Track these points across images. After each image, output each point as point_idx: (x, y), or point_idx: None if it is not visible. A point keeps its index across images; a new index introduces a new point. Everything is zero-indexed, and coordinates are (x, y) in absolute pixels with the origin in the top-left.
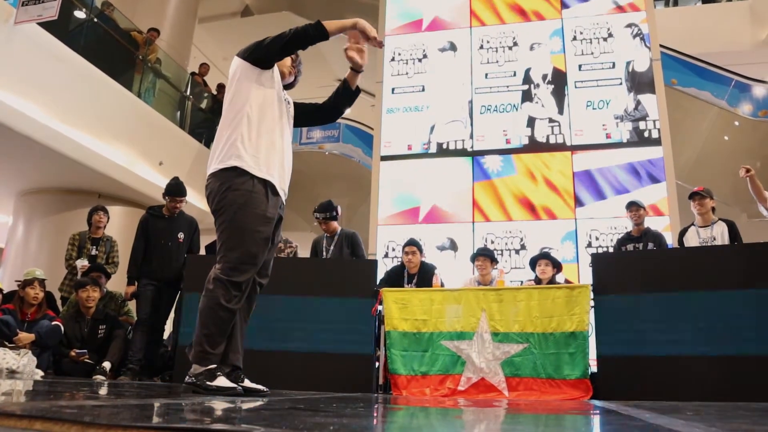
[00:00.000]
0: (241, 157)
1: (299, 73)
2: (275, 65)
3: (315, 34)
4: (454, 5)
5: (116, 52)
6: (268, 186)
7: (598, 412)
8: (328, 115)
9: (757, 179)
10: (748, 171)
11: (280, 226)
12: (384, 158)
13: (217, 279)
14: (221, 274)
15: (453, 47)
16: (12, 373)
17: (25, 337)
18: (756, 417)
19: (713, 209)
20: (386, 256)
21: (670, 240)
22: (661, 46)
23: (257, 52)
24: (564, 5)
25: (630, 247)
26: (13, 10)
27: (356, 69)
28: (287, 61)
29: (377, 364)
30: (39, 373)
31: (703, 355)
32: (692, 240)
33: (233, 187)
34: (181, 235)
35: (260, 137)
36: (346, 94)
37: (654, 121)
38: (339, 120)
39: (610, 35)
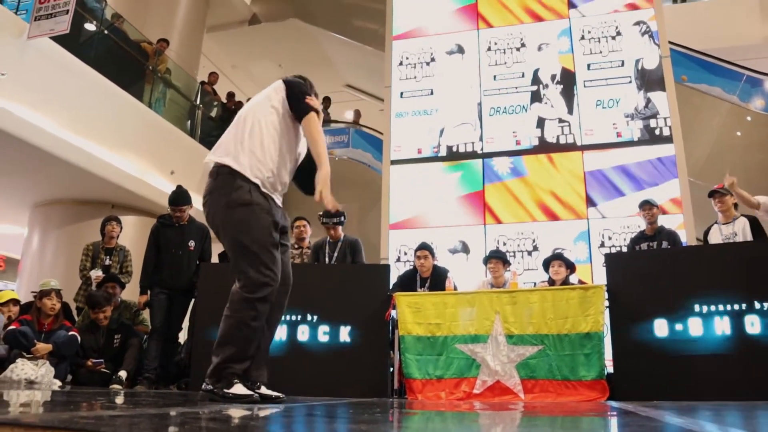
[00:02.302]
0: (244, 166)
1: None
2: None
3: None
4: (461, 8)
5: (127, 63)
6: (268, 198)
7: (615, 413)
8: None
9: (738, 188)
10: (732, 183)
11: (286, 234)
12: (394, 162)
13: (242, 299)
14: (245, 293)
15: (461, 50)
16: (30, 384)
17: (43, 347)
18: None
19: (735, 205)
20: (398, 260)
21: (685, 238)
22: (670, 42)
23: (299, 109)
24: (571, 5)
25: (644, 246)
26: (26, 24)
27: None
28: (316, 104)
29: (392, 368)
30: (57, 383)
31: (720, 353)
32: (715, 237)
33: (232, 204)
34: (192, 244)
35: (272, 158)
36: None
37: (665, 118)
38: (348, 125)
39: (619, 33)
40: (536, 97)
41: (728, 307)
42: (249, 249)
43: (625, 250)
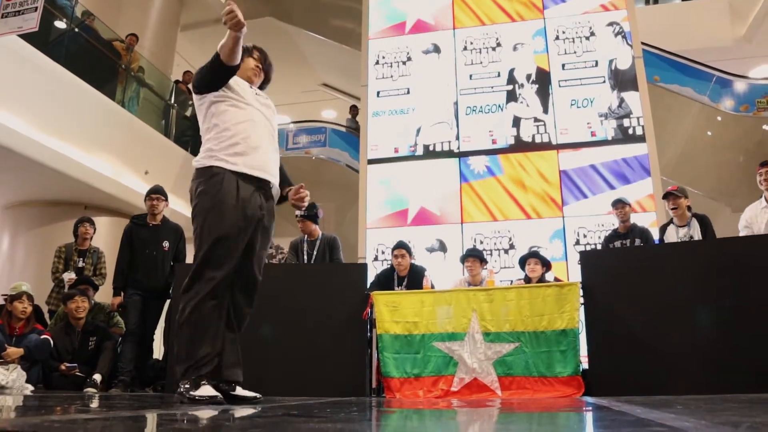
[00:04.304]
0: (214, 156)
1: (269, 70)
2: (232, 77)
3: (216, 63)
4: (437, 7)
5: (98, 61)
6: (244, 180)
7: (590, 408)
8: None
9: None
10: None
11: (270, 232)
12: (371, 161)
13: (189, 281)
14: (191, 274)
15: (437, 49)
16: (1, 389)
17: (14, 351)
18: (744, 408)
19: (689, 207)
20: (376, 259)
21: (657, 235)
22: (642, 43)
23: (194, 82)
24: (545, 5)
25: (617, 243)
26: None
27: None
28: (249, 63)
29: (370, 367)
30: (29, 388)
31: (692, 349)
32: (671, 238)
33: (204, 191)
34: (166, 244)
35: (235, 140)
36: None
37: (638, 118)
38: (325, 124)
39: (593, 34)
40: (512, 96)
41: (699, 303)
42: (207, 235)
43: (599, 248)
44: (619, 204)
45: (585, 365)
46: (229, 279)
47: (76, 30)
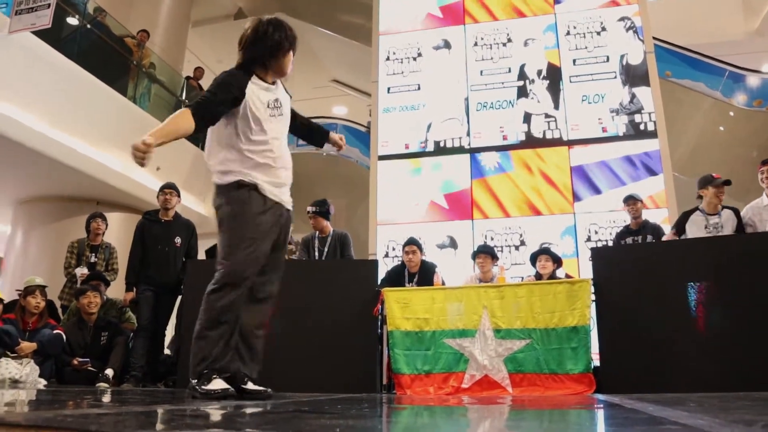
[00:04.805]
0: (234, 172)
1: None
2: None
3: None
4: (448, 3)
5: (110, 57)
6: (265, 192)
7: (602, 405)
8: (305, 138)
9: None
10: None
11: (287, 232)
12: (382, 158)
13: (214, 284)
14: (216, 280)
15: (447, 45)
16: (15, 383)
17: (27, 346)
18: (758, 407)
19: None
20: (387, 255)
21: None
22: (654, 38)
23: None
24: (557, 1)
25: (629, 240)
26: (6, 19)
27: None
28: (289, 58)
29: (380, 364)
30: (42, 382)
31: (704, 345)
32: (697, 225)
33: (229, 201)
34: (178, 240)
35: (254, 154)
36: (315, 140)
37: (649, 113)
38: (335, 120)
39: (604, 29)
40: (523, 92)
41: (714, 301)
42: (233, 241)
43: (611, 244)
44: (631, 200)
45: (596, 362)
46: (251, 281)
47: (88, 26)
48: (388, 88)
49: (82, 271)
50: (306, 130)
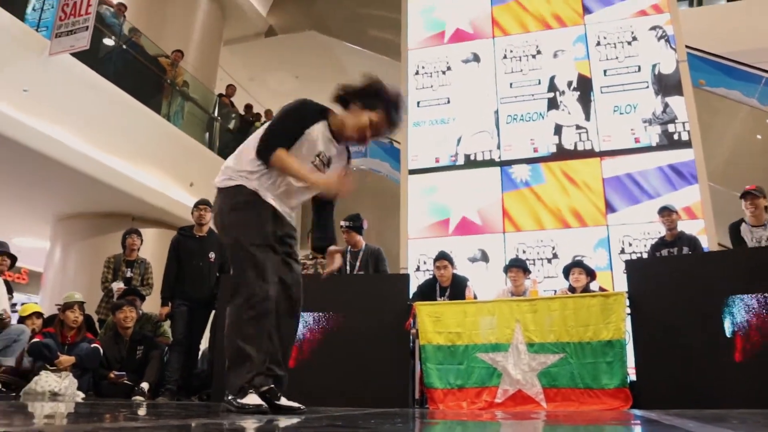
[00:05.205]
0: (250, 181)
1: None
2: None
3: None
4: (476, 16)
5: (145, 77)
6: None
7: (639, 422)
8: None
9: None
10: None
11: (294, 242)
12: (412, 172)
13: (234, 300)
14: (245, 289)
15: (476, 58)
16: (54, 396)
17: (66, 359)
18: None
19: (766, 208)
20: (418, 269)
21: (706, 243)
22: (687, 47)
23: (258, 150)
24: (586, 11)
25: (664, 252)
26: (47, 42)
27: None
28: (362, 118)
29: (413, 378)
30: (80, 395)
31: (745, 360)
32: (745, 237)
33: (237, 207)
34: (212, 255)
35: (277, 188)
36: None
37: (683, 123)
38: None
39: (635, 39)
40: (553, 104)
41: (753, 313)
42: (245, 255)
43: (645, 256)
44: (665, 212)
45: (632, 377)
46: (276, 288)
47: (124, 47)
48: (418, 102)
49: (118, 286)
50: (318, 219)
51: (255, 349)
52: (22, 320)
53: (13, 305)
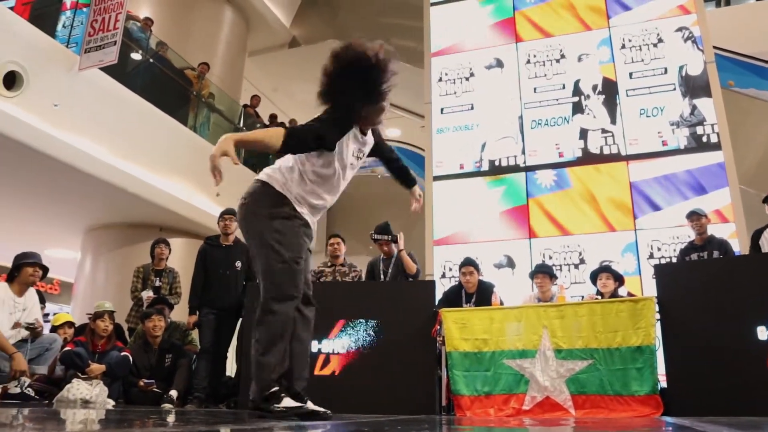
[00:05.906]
0: (288, 189)
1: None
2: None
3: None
4: (499, 21)
5: (171, 89)
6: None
7: (671, 429)
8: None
9: None
10: None
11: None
12: (437, 178)
13: (264, 302)
14: (266, 295)
15: (500, 64)
16: (85, 403)
17: (97, 368)
18: None
19: None
20: (443, 276)
21: (737, 247)
22: (714, 47)
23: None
24: (610, 14)
25: (694, 256)
26: (76, 57)
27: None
28: (383, 107)
29: (439, 385)
30: (110, 403)
31: None
32: (762, 245)
33: (275, 215)
34: (238, 264)
35: (309, 193)
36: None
37: (712, 125)
38: (390, 143)
39: (660, 41)
40: (578, 108)
41: None
42: (278, 258)
43: (674, 261)
44: (694, 216)
45: (663, 384)
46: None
47: (151, 60)
48: (442, 109)
49: (147, 294)
50: (396, 172)
51: (276, 358)
52: (54, 329)
53: (46, 315)
